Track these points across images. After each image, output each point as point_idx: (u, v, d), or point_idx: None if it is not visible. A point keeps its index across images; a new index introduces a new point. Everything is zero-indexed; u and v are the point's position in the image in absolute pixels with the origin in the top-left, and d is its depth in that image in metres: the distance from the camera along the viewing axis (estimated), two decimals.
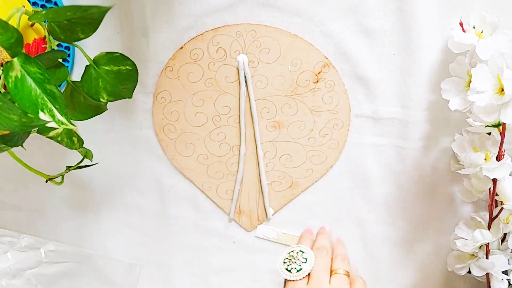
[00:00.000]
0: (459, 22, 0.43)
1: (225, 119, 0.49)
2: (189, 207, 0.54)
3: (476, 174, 0.43)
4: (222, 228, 0.54)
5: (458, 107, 0.42)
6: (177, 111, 0.49)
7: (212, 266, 0.55)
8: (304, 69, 0.47)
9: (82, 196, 0.55)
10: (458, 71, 0.43)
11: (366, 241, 0.53)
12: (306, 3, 0.45)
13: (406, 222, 0.52)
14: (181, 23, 0.46)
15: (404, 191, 0.51)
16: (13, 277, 0.55)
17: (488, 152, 0.42)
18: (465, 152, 0.43)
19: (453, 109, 0.43)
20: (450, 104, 0.43)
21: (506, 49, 0.40)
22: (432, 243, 0.52)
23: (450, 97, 0.43)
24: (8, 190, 0.55)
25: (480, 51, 0.40)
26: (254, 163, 0.51)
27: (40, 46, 0.42)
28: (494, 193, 0.44)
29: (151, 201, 0.54)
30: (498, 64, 0.38)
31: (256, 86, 0.48)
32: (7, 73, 0.32)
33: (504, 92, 0.38)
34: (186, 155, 0.51)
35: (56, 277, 0.57)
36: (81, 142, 0.44)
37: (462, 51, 0.42)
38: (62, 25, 0.35)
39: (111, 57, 0.40)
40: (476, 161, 0.41)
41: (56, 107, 0.33)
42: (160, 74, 0.48)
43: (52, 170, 0.49)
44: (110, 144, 0.52)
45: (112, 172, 0.53)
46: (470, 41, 0.41)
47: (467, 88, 0.42)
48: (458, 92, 0.43)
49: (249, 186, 0.51)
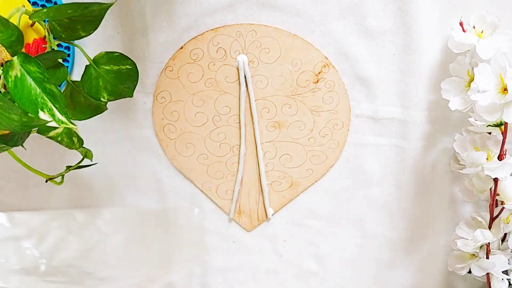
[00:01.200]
0: (459, 22, 0.43)
1: (225, 119, 0.49)
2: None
3: (478, 173, 0.43)
4: (222, 228, 0.54)
5: (459, 107, 0.43)
6: (177, 111, 0.49)
7: (212, 266, 0.55)
8: (304, 69, 0.47)
9: (82, 196, 0.55)
10: (458, 71, 0.43)
11: (366, 241, 0.53)
12: (306, 3, 0.45)
13: (406, 222, 0.52)
14: (181, 22, 0.46)
15: (404, 191, 0.51)
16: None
17: (490, 151, 0.42)
18: (466, 152, 0.43)
19: (453, 109, 0.43)
20: (450, 104, 0.43)
21: (507, 49, 0.40)
22: (432, 243, 0.52)
23: (450, 97, 0.43)
24: (8, 190, 0.55)
25: (480, 51, 0.40)
26: (254, 163, 0.51)
27: (40, 46, 0.42)
28: (495, 193, 0.44)
29: (151, 201, 0.54)
30: (500, 64, 0.39)
31: (256, 86, 0.48)
32: (7, 73, 0.32)
33: (507, 91, 0.38)
34: (186, 155, 0.51)
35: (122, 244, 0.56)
36: (81, 142, 0.44)
37: (462, 51, 0.42)
38: (63, 23, 0.35)
39: (111, 57, 0.40)
40: (478, 160, 0.41)
41: (56, 106, 0.33)
42: (160, 74, 0.48)
43: (52, 170, 0.49)
44: (110, 144, 0.52)
45: (112, 172, 0.53)
46: (470, 41, 0.41)
47: (467, 88, 0.42)
48: (458, 92, 0.43)
49: (249, 186, 0.51)
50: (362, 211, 0.52)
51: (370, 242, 0.53)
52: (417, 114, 0.48)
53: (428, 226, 0.52)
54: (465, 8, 0.44)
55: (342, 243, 0.53)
